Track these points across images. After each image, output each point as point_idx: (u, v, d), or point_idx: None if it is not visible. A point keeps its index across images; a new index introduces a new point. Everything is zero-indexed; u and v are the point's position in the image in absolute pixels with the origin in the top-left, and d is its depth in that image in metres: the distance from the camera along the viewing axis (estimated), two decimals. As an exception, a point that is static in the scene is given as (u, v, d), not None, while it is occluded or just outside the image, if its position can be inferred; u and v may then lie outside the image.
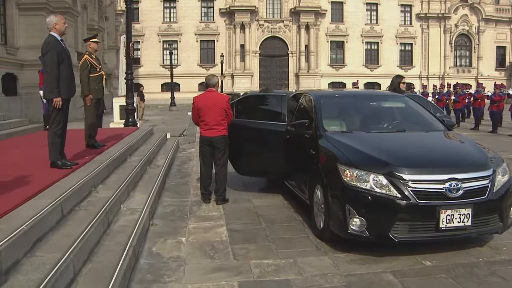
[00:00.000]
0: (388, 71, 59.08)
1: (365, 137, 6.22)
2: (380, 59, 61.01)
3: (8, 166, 7.16)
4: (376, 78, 59.33)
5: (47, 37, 6.87)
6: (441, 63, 61.50)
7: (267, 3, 59.16)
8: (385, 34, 60.64)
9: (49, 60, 6.72)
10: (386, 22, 60.44)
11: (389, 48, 60.97)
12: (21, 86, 21.29)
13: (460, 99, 24.98)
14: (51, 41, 6.80)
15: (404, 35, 61.47)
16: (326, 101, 7.14)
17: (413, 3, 61.61)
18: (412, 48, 62.11)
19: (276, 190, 8.48)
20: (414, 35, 61.75)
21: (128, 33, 16.24)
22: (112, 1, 42.29)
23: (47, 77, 6.81)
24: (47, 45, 6.74)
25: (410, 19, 62.04)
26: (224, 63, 53.86)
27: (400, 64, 61.35)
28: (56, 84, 6.72)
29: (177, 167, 10.93)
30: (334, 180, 5.48)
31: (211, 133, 7.51)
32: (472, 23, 61.74)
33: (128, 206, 6.55)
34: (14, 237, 3.87)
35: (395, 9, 61.05)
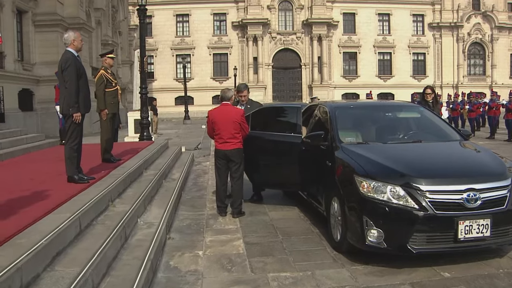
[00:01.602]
0: (401, 81, 59.11)
1: (382, 148, 6.20)
2: (393, 69, 60.78)
3: (26, 180, 7.23)
4: (389, 88, 59.05)
5: (65, 53, 6.92)
6: (455, 72, 61.06)
7: (279, 16, 59.37)
8: (397, 44, 60.44)
9: (69, 75, 6.76)
10: (398, 32, 60.27)
11: (401, 58, 60.73)
12: (37, 101, 21.58)
13: (474, 108, 24.79)
14: (70, 57, 6.85)
15: (416, 45, 61.23)
16: (341, 112, 7.12)
17: (425, 13, 61.40)
18: (425, 57, 61.80)
19: (292, 202, 8.46)
20: (427, 44, 61.47)
21: (142, 48, 16.39)
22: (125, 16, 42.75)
23: (65, 93, 6.81)
24: (67, 60, 6.79)
25: (422, 28, 61.80)
26: (237, 76, 54.00)
27: (413, 74, 61.07)
28: (76, 100, 6.79)
29: (192, 181, 10.94)
30: (351, 192, 5.45)
31: (226, 146, 7.52)
32: (485, 31, 61.28)
33: (145, 220, 6.55)
34: (34, 252, 3.89)
35: (407, 19, 60.87)
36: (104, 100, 9.11)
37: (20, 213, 5.04)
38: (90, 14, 28.38)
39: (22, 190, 6.29)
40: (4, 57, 18.59)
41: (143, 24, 16.52)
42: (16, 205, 5.37)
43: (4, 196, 5.86)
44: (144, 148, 11.91)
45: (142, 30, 16.61)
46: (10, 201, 5.62)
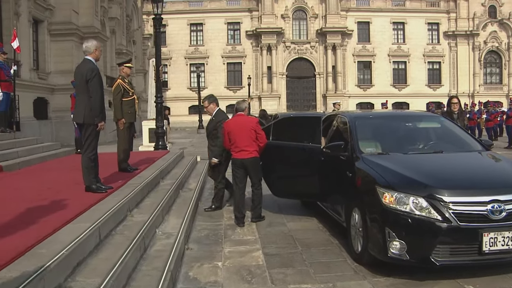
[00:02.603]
0: (416, 90, 58.83)
1: (403, 159, 6.15)
2: (408, 78, 60.54)
3: (44, 190, 7.26)
4: (404, 97, 58.83)
5: (88, 62, 6.94)
6: (471, 81, 60.59)
7: (293, 25, 59.52)
8: (412, 53, 60.23)
9: (95, 85, 6.83)
10: (413, 41, 60.05)
11: (416, 67, 60.49)
12: (52, 110, 21.77)
13: (492, 118, 24.57)
14: (95, 66, 6.95)
15: (432, 54, 60.95)
16: (361, 123, 7.10)
17: (440, 21, 61.15)
18: (440, 66, 61.47)
19: (310, 213, 8.43)
20: (442, 53, 61.17)
21: (158, 57, 16.45)
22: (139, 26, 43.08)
23: (88, 102, 6.81)
24: (93, 70, 6.84)
25: (437, 37, 61.53)
26: (251, 85, 54.09)
27: (429, 83, 60.79)
28: (101, 109, 6.87)
29: (209, 190, 10.91)
30: (372, 203, 5.41)
31: (242, 155, 7.66)
32: (502, 39, 60.72)
33: (163, 230, 6.56)
34: (55, 262, 3.91)
35: (422, 28, 60.65)
36: (121, 109, 9.13)
37: (39, 222, 5.06)
38: (104, 23, 28.64)
39: (40, 199, 6.33)
40: (20, 66, 18.79)
41: (158, 33, 16.60)
42: (35, 215, 5.39)
43: (23, 205, 5.89)
44: (160, 157, 11.95)
45: (157, 39, 16.71)
46: (29, 210, 5.65)
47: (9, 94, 12.90)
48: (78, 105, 6.97)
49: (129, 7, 37.28)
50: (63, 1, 22.61)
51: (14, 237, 4.49)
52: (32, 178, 8.70)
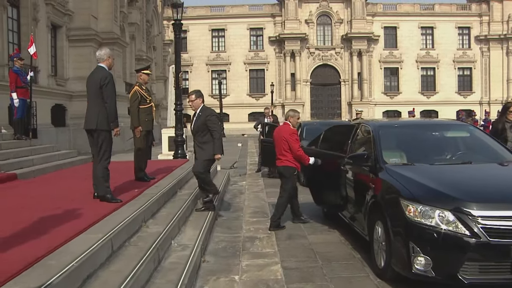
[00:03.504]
0: (446, 98, 58.15)
1: (428, 170, 6.04)
2: (437, 85, 59.87)
3: (58, 198, 7.32)
4: (433, 105, 58.25)
5: (102, 69, 7.06)
6: (504, 87, 59.50)
7: (318, 30, 59.46)
8: (441, 59, 59.57)
9: (110, 92, 6.94)
10: (442, 46, 59.43)
11: (446, 74, 59.75)
12: (69, 117, 22.02)
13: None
14: (109, 73, 7.06)
15: (462, 59, 60.18)
16: (385, 132, 7.02)
17: (472, 25, 60.33)
18: (471, 72, 60.63)
19: (332, 225, 8.35)
20: (473, 58, 60.29)
21: (177, 63, 16.53)
22: (160, 31, 43.44)
23: (102, 108, 6.88)
24: (107, 77, 6.95)
25: (468, 42, 60.74)
26: (274, 93, 54.12)
27: (459, 90, 60.03)
28: (116, 115, 6.99)
29: (228, 201, 10.90)
30: (396, 216, 5.31)
31: (278, 162, 8.43)
32: (539, 43, 59.72)
33: (179, 242, 6.54)
34: (64, 274, 3.89)
35: (452, 32, 59.97)
36: (138, 117, 9.16)
37: (51, 232, 5.08)
38: (124, 28, 28.93)
39: (53, 208, 6.36)
40: (38, 72, 19.07)
41: (178, 39, 16.69)
42: (47, 224, 5.42)
43: (36, 214, 5.93)
44: (179, 166, 11.95)
45: (177, 45, 16.79)
46: (42, 219, 5.68)
47: (26, 100, 13.08)
48: (90, 112, 7.01)
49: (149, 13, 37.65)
50: (82, 6, 22.92)
51: (24, 247, 4.51)
52: (47, 187, 8.78)
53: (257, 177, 15.10)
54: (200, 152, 8.23)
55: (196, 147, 8.32)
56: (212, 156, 8.23)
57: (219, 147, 8.20)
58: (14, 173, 9.50)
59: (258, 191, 12.27)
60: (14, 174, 9.44)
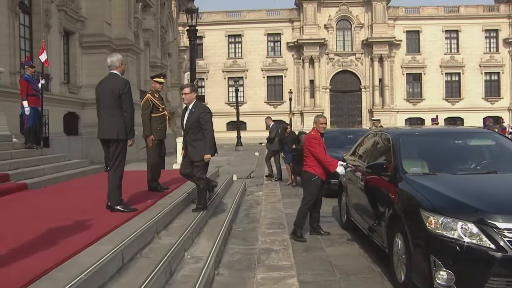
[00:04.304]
0: (472, 104, 57.61)
1: (451, 180, 5.98)
2: (462, 91, 59.44)
3: (68, 209, 7.36)
4: (458, 112, 57.79)
5: (118, 77, 7.12)
6: (534, 93, 58.95)
7: (337, 36, 59.49)
8: (467, 64, 59.12)
9: (130, 100, 7.02)
10: (468, 50, 58.97)
11: (472, 79, 59.27)
12: (82, 125, 22.16)
13: None
14: (127, 81, 7.13)
15: (489, 64, 59.66)
16: (405, 140, 6.98)
17: (500, 27, 59.75)
18: (499, 77, 60.04)
19: (351, 237, 8.32)
20: (502, 62, 59.73)
21: (192, 70, 16.62)
22: (175, 37, 43.68)
23: (120, 117, 6.94)
24: (125, 85, 7.01)
25: (496, 45, 60.18)
26: (293, 100, 54.13)
27: (486, 96, 59.52)
28: (133, 124, 7.06)
29: (244, 212, 10.90)
30: (416, 228, 5.25)
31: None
32: None
33: (192, 254, 6.52)
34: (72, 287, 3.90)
35: (478, 36, 59.49)
36: (149, 125, 9.18)
37: (60, 244, 5.10)
38: (138, 35, 29.15)
39: (63, 219, 6.39)
40: (50, 80, 19.26)
41: (193, 45, 16.79)
42: (56, 235, 5.44)
43: (45, 225, 5.96)
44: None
45: (192, 51, 16.90)
46: (51, 230, 5.71)
47: (37, 109, 13.21)
48: (108, 121, 7.02)
49: (164, 18, 37.89)
50: (95, 12, 23.12)
51: (33, 258, 4.53)
52: (57, 197, 8.83)
53: (274, 187, 15.07)
54: (192, 151, 8.01)
55: (187, 146, 8.09)
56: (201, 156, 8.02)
57: (210, 146, 8.00)
58: (25, 183, 9.57)
59: (275, 201, 12.23)
60: (25, 184, 9.52)
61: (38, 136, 13.75)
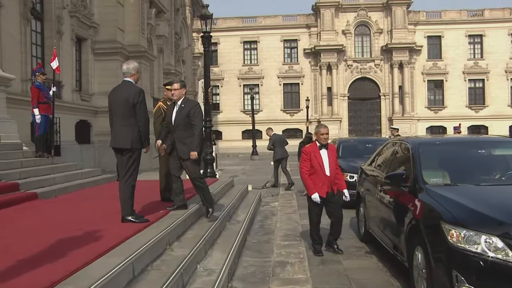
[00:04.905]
0: (497, 111, 56.88)
1: (474, 191, 5.91)
2: (486, 98, 58.80)
3: (79, 219, 7.40)
4: (482, 120, 57.17)
5: (132, 85, 7.16)
6: None
7: (356, 42, 59.36)
8: (492, 70, 58.43)
9: (145, 109, 7.09)
10: (493, 56, 58.26)
11: (497, 85, 58.46)
12: (94, 133, 22.32)
13: None
14: (141, 89, 7.18)
15: (516, 69, 58.90)
16: (425, 150, 6.93)
17: (528, 31, 58.99)
18: (526, 84, 59.22)
19: (369, 250, 8.27)
20: (529, 68, 58.88)
21: (206, 77, 16.69)
22: (189, 44, 43.93)
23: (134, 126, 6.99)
24: (140, 94, 7.06)
25: (523, 50, 59.35)
26: (310, 108, 54.01)
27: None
28: (148, 133, 7.15)
29: (259, 223, 10.88)
30: (437, 241, 5.18)
31: None
32: None
33: (205, 266, 6.51)
34: (80, 301, 3.91)
35: (504, 40, 58.68)
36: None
37: (69, 255, 5.11)
38: (151, 41, 29.37)
39: (73, 229, 6.42)
40: (62, 87, 19.44)
41: (207, 52, 16.86)
42: (66, 246, 5.47)
43: (55, 235, 6.00)
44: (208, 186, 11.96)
45: (206, 58, 16.96)
46: (61, 241, 5.74)
47: (48, 116, 13.32)
48: (122, 130, 7.04)
49: (178, 25, 38.15)
50: (108, 18, 23.33)
51: (41, 270, 4.55)
52: (68, 207, 8.87)
53: (290, 197, 15.05)
54: (182, 149, 7.94)
55: (177, 144, 8.01)
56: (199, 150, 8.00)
57: (198, 144, 7.95)
58: (35, 192, 9.64)
59: (291, 212, 12.21)
60: (35, 193, 9.58)
61: (49, 145, 13.86)
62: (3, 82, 12.97)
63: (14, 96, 14.97)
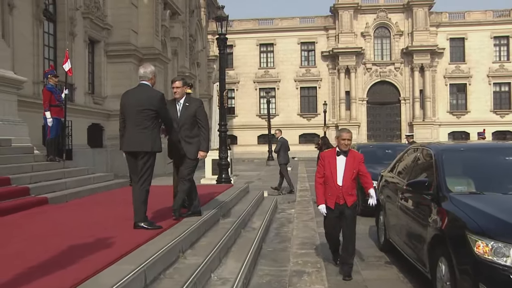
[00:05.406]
0: (524, 117, 56.18)
1: (501, 200, 5.81)
2: (513, 102, 58.19)
3: (90, 225, 7.39)
4: (508, 125, 56.49)
5: (153, 89, 7.20)
6: None
7: (375, 44, 59.19)
8: (518, 73, 57.84)
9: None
10: (520, 58, 57.74)
11: (524, 89, 57.92)
12: (107, 137, 22.41)
13: None
14: (162, 95, 7.20)
15: (544, 73, 58.11)
16: (449, 156, 6.83)
17: (559, 31, 58.08)
18: (557, 86, 58.47)
19: (389, 260, 8.18)
20: (559, 70, 58.09)
21: (221, 80, 16.67)
22: (204, 46, 44.04)
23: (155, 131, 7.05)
24: (163, 99, 7.13)
25: (554, 51, 58.61)
26: (327, 112, 53.93)
27: (540, 107, 58.06)
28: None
29: (275, 231, 10.82)
30: (462, 253, 5.08)
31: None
32: None
33: (219, 275, 6.47)
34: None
35: (532, 42, 58.16)
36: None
37: (80, 262, 5.09)
38: (166, 43, 29.48)
39: (84, 236, 6.41)
40: (74, 90, 19.55)
41: (223, 54, 16.84)
42: (76, 253, 5.45)
43: (65, 242, 5.99)
44: (222, 192, 11.95)
45: (222, 61, 16.95)
46: (71, 248, 5.72)
47: (60, 120, 13.37)
48: (140, 133, 7.00)
49: (192, 27, 38.27)
50: (121, 20, 23.46)
51: (51, 278, 4.53)
52: (79, 212, 8.88)
53: (307, 204, 14.96)
54: (190, 149, 7.85)
55: (183, 144, 7.87)
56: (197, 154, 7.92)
57: (206, 143, 7.96)
58: (45, 197, 9.67)
59: (308, 220, 12.12)
60: (45, 198, 9.61)
61: (61, 148, 13.90)
62: (15, 85, 13.04)
63: (25, 99, 15.07)
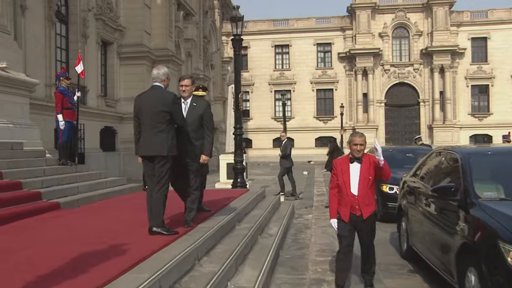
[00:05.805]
0: (552, 118, 55.48)
1: (534, 207, 5.63)
2: (538, 103, 57.51)
3: (103, 231, 7.34)
4: (534, 128, 55.97)
5: (167, 91, 7.16)
6: None
7: (393, 45, 58.99)
8: (545, 72, 57.12)
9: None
10: (546, 57, 57.04)
11: (552, 90, 57.19)
12: (120, 140, 22.45)
13: None
14: (175, 96, 7.16)
15: None
16: (476, 160, 6.68)
17: None
18: None
19: (413, 268, 8.06)
20: None
21: (237, 83, 16.60)
22: (218, 48, 44.09)
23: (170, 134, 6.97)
24: (176, 99, 7.10)
25: None
26: (344, 115, 53.71)
27: None
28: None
29: (292, 237, 10.73)
30: (493, 262, 4.93)
31: None
32: None
33: (236, 284, 6.39)
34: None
35: (559, 40, 57.44)
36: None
37: (92, 271, 5.03)
38: (179, 45, 29.53)
39: (96, 242, 6.35)
40: (87, 92, 19.60)
41: (238, 56, 16.77)
42: (88, 261, 5.39)
43: (76, 248, 5.93)
44: (238, 197, 11.88)
45: (237, 62, 16.87)
46: (82, 255, 5.66)
47: (72, 123, 13.37)
48: (155, 136, 6.96)
49: (206, 28, 38.33)
50: (134, 21, 23.54)
51: (62, 287, 4.48)
52: (91, 217, 8.85)
53: (324, 209, 14.84)
54: (193, 152, 7.76)
55: (188, 146, 7.69)
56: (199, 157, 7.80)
57: (210, 147, 7.87)
58: (57, 202, 9.64)
59: (326, 225, 12.00)
60: (57, 203, 9.58)
61: (73, 152, 13.89)
62: (27, 87, 13.07)
63: (37, 102, 15.12)
